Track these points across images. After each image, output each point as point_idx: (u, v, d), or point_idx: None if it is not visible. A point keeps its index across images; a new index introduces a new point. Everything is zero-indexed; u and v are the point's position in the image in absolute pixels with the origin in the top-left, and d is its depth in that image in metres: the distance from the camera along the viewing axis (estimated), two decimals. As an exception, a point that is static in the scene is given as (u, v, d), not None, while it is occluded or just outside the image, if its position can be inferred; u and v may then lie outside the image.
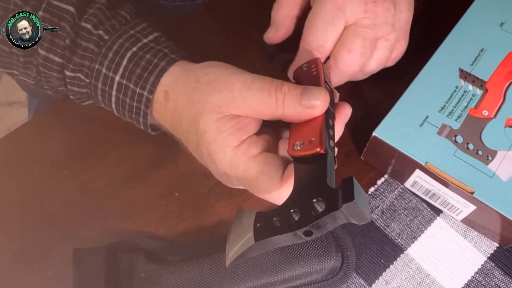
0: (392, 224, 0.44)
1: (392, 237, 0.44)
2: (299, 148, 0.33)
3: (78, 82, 0.40)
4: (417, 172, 0.42)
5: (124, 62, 0.39)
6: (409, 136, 0.41)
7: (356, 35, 0.40)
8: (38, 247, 0.43)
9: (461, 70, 0.44)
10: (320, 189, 0.30)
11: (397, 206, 0.45)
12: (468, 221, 0.43)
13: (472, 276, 0.42)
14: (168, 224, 0.44)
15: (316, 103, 0.34)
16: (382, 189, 0.46)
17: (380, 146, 0.42)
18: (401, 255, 0.43)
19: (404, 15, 0.42)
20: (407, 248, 0.43)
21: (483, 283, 0.42)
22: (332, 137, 0.34)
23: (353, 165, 0.47)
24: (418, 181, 0.43)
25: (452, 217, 0.44)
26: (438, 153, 0.41)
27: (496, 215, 0.39)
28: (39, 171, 0.46)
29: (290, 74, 0.43)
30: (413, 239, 0.44)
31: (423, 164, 0.40)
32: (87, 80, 0.40)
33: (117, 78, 0.39)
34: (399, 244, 0.44)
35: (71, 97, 0.43)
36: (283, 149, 0.37)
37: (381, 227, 0.44)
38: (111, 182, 0.46)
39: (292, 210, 0.30)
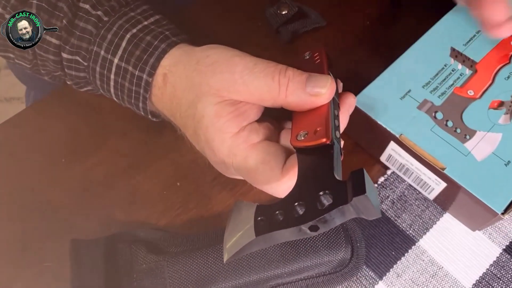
0: (403, 215, 0.43)
1: (403, 228, 0.42)
2: (303, 138, 0.31)
3: (75, 66, 0.38)
4: (392, 144, 0.41)
5: (123, 44, 0.37)
6: (387, 108, 0.40)
7: None
8: (35, 239, 0.41)
9: (452, 49, 0.44)
10: (327, 181, 0.28)
11: (408, 196, 0.43)
12: (440, 201, 0.42)
13: (487, 269, 0.41)
14: (170, 214, 0.42)
15: (321, 91, 0.32)
16: (392, 179, 0.44)
17: (358, 116, 0.41)
18: (413, 247, 0.41)
19: None
20: (418, 240, 0.42)
21: (498, 275, 0.40)
22: (338, 128, 0.33)
23: (361, 155, 0.45)
24: (392, 154, 0.42)
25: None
26: (415, 127, 0.40)
27: (465, 194, 0.38)
28: (35, 159, 0.45)
29: None
30: (425, 231, 0.42)
31: (398, 136, 0.39)
32: (85, 63, 0.38)
33: (116, 60, 0.37)
34: (411, 235, 0.42)
35: (69, 82, 0.41)
36: (285, 139, 0.35)
37: (392, 218, 0.42)
38: (111, 171, 0.44)
39: (296, 204, 0.28)
